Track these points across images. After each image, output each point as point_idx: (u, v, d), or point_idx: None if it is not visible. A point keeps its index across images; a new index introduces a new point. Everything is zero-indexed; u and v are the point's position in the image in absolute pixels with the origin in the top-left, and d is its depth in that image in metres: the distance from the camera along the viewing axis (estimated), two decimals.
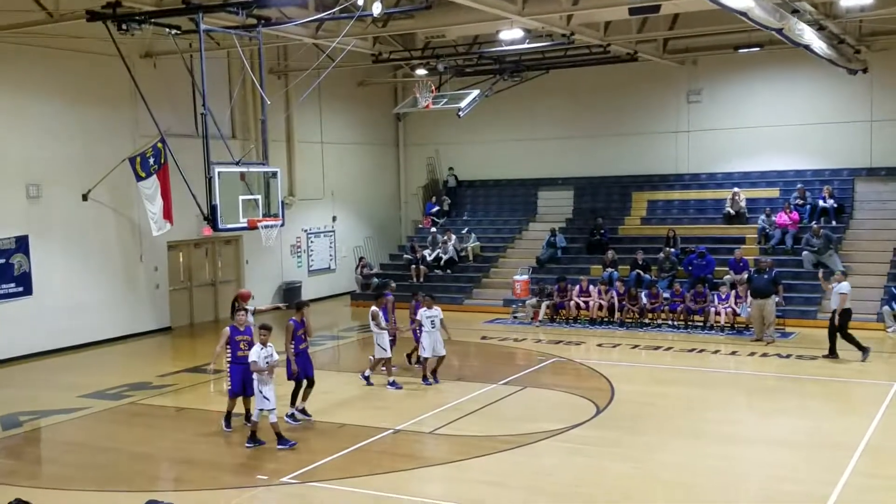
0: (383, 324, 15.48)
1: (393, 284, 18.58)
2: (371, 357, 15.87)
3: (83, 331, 20.12)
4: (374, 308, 15.66)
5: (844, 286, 16.72)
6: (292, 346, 13.17)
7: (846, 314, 16.70)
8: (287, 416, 13.17)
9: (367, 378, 15.65)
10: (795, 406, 14.17)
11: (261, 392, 11.93)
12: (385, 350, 15.48)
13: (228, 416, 13.10)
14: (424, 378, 15.59)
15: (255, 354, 11.93)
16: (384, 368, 15.77)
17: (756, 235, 23.52)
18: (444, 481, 10.92)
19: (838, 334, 16.78)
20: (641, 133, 27.02)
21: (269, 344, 12.04)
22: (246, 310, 13.70)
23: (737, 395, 15.12)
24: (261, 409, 12.02)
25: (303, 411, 13.41)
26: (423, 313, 15.41)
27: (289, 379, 13.26)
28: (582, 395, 14.66)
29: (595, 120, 27.52)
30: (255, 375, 12.02)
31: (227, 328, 12.95)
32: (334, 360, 19.23)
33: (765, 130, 25.37)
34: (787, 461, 11.20)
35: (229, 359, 12.87)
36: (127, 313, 21.30)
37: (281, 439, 12.02)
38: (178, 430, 13.42)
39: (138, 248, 21.56)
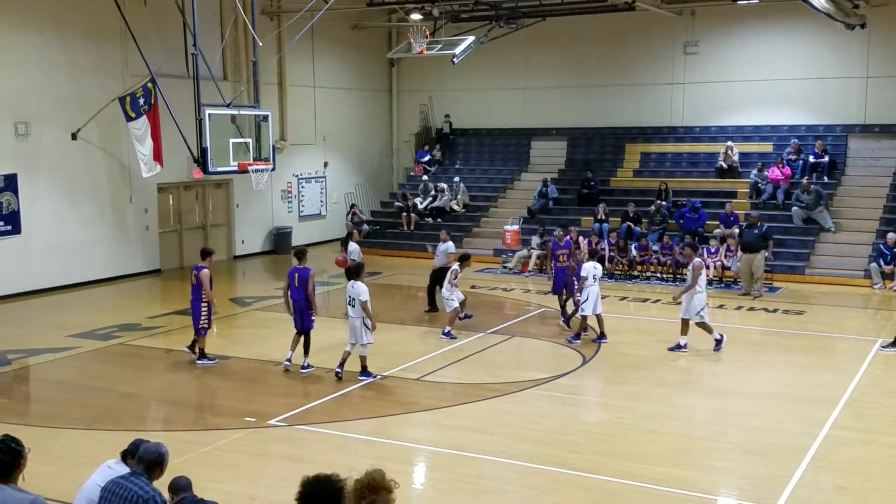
0: (456, 285, 15.46)
1: (558, 231, 17.39)
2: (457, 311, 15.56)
3: (72, 271, 20.10)
4: (455, 266, 15.63)
5: (451, 245, 17.84)
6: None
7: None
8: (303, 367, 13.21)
9: (447, 334, 15.25)
10: (780, 360, 14.32)
11: (366, 327, 12.37)
12: (454, 302, 15.38)
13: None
14: (576, 336, 14.94)
15: (366, 293, 12.39)
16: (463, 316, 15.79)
17: (748, 190, 23.52)
18: (430, 427, 11.03)
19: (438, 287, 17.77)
20: (637, 84, 26.81)
21: None
22: None
23: (722, 348, 15.23)
24: (368, 343, 12.55)
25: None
26: (586, 267, 14.86)
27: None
28: (569, 346, 14.77)
29: (591, 70, 27.26)
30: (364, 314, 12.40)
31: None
32: (323, 306, 19.23)
33: (760, 84, 25.18)
34: (769, 413, 11.33)
35: None
36: (116, 254, 21.25)
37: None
38: (166, 372, 13.50)
39: (128, 189, 21.43)
